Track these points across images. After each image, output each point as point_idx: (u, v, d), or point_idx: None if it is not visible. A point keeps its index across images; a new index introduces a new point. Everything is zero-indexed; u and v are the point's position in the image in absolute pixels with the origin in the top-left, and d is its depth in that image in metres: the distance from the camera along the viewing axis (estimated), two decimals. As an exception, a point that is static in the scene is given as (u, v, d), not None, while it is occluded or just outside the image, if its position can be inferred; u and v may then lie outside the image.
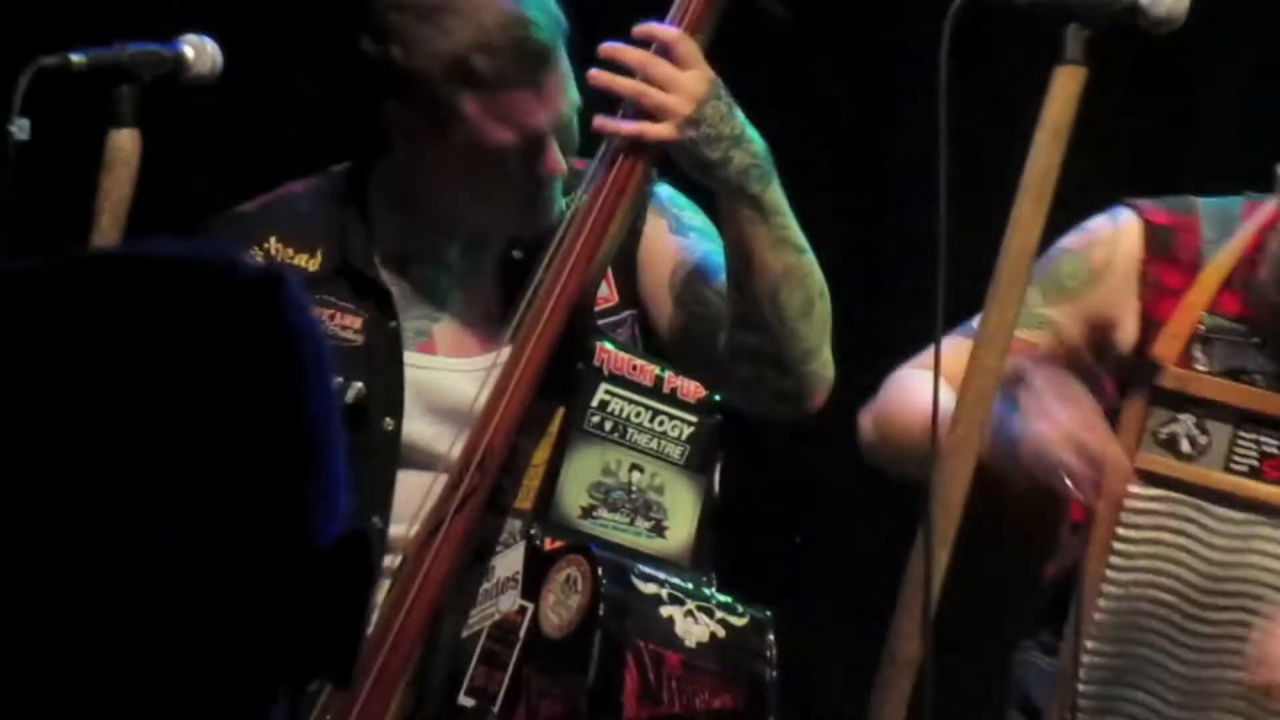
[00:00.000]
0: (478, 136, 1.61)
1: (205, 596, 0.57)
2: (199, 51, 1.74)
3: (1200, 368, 1.62)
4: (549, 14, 1.63)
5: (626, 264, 1.71)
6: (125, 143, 1.75)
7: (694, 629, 1.57)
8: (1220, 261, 1.62)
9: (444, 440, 1.66)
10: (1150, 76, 2.29)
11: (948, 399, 1.48)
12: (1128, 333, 1.65)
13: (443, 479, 1.60)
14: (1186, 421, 1.62)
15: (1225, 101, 2.63)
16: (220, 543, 0.57)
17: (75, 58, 1.72)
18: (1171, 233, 1.65)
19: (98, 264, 0.64)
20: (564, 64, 1.62)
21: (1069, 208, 1.57)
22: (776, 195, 1.58)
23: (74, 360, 0.56)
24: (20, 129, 1.70)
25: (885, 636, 1.51)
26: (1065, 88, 1.50)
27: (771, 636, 1.61)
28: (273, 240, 1.75)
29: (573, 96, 1.62)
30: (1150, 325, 1.65)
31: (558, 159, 1.60)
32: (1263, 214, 1.63)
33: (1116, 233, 1.64)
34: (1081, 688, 1.62)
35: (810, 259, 1.63)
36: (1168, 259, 1.64)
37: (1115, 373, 1.67)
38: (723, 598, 1.61)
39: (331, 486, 0.62)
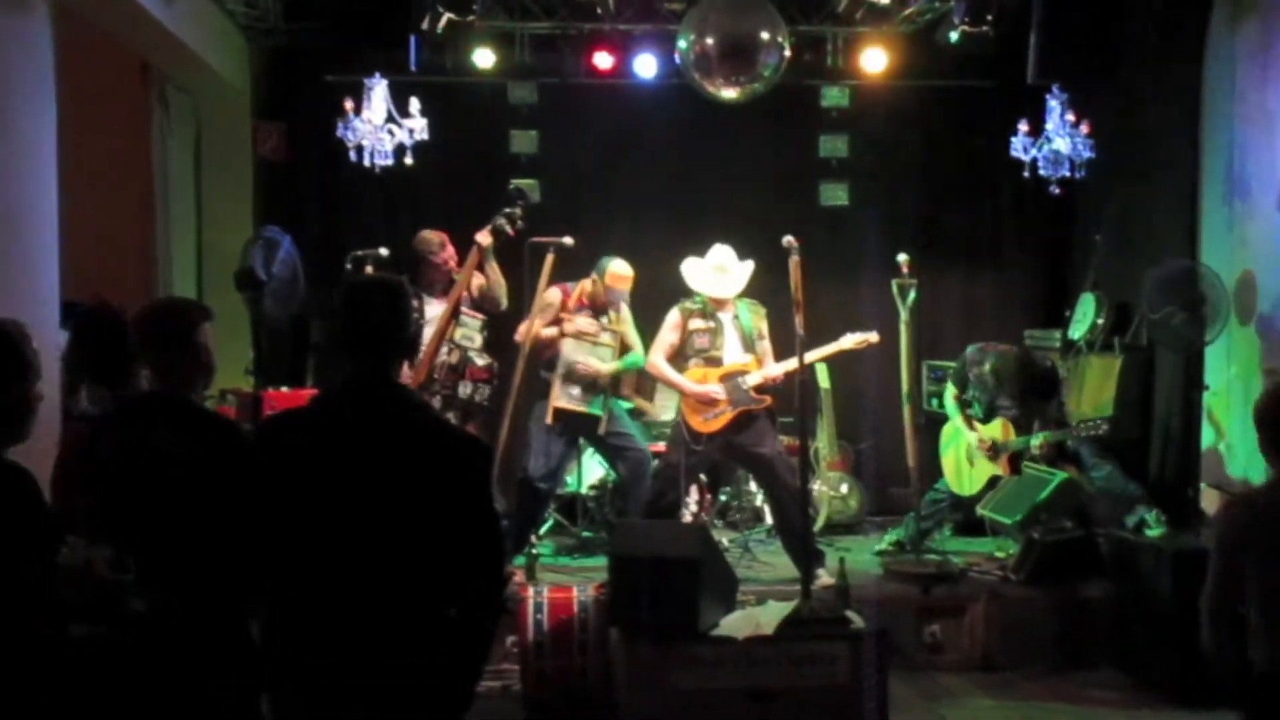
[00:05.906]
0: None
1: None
2: (388, 254, 7.19)
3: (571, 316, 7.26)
4: None
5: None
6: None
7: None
8: (575, 294, 7.27)
9: (434, 324, 7.05)
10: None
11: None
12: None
13: (432, 330, 6.99)
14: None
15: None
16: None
17: (357, 253, 7.11)
18: (561, 292, 7.28)
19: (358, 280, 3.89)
20: None
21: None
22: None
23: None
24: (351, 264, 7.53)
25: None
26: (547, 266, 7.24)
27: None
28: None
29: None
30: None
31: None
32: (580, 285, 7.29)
33: (553, 294, 7.29)
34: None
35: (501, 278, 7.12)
36: (564, 297, 7.34)
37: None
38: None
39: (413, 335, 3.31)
